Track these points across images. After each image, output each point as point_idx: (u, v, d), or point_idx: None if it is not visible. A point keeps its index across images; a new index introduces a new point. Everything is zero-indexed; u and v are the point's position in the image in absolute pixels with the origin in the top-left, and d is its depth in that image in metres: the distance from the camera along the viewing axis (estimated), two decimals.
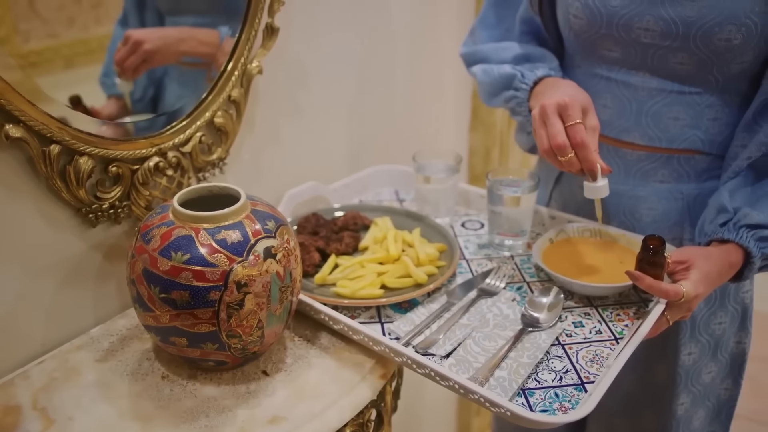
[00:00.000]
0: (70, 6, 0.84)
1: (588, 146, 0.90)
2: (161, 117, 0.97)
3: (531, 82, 1.05)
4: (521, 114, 1.10)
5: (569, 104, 0.90)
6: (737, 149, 1.03)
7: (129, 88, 0.95)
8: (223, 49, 1.03)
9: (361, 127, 1.41)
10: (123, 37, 0.92)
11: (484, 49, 1.18)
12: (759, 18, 0.93)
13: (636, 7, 0.99)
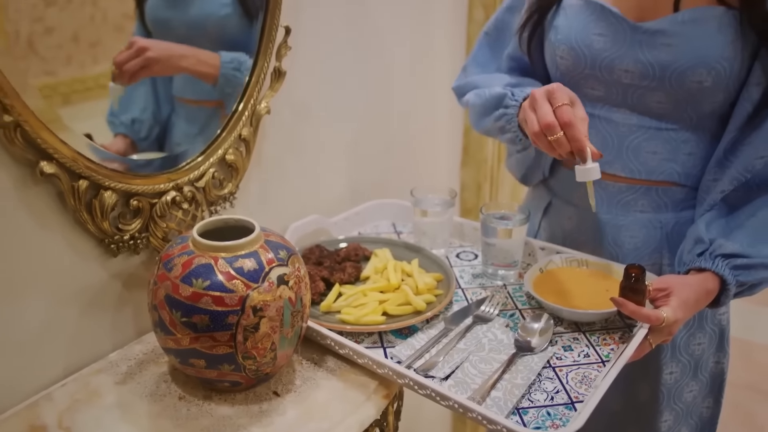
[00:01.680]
0: (68, 45, 0.88)
1: (575, 125, 0.94)
2: (178, 154, 1.04)
3: (521, 98, 1.10)
4: (510, 131, 1.13)
5: (556, 89, 0.96)
6: (710, 183, 1.10)
7: (119, 93, 0.98)
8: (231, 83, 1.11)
9: (359, 164, 1.49)
10: (128, 42, 0.95)
11: (476, 79, 1.24)
12: (727, 63, 1.02)
13: (617, 50, 1.07)
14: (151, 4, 0.99)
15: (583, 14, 1.10)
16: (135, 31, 0.99)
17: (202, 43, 1.08)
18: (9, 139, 0.79)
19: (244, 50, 1.10)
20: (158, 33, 1.01)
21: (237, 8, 1.08)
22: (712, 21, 1.01)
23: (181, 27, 1.05)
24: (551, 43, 1.14)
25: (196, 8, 1.06)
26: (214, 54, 1.07)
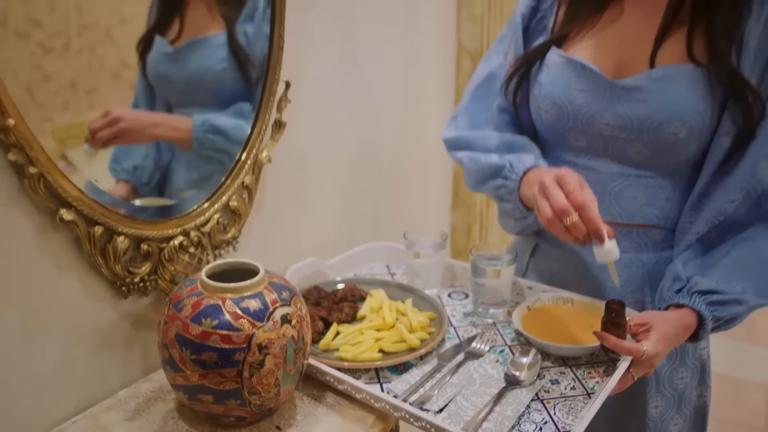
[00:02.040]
0: (65, 91, 0.91)
1: (590, 206, 0.97)
2: (186, 200, 1.10)
3: (521, 172, 1.16)
4: (510, 201, 1.19)
5: (565, 174, 1.01)
6: (686, 225, 1.17)
7: (93, 155, 0.99)
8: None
9: (354, 208, 1.56)
10: (104, 111, 0.98)
11: (468, 137, 1.30)
12: (699, 116, 1.08)
13: (597, 105, 1.14)
14: (152, 59, 1.04)
15: (565, 71, 1.17)
16: (137, 85, 1.04)
17: (200, 96, 1.14)
18: (33, 189, 0.86)
19: (240, 102, 1.17)
20: (159, 86, 1.07)
21: (232, 63, 1.14)
22: (684, 77, 1.08)
23: (180, 81, 1.11)
24: (535, 97, 1.21)
25: (194, 63, 1.12)
26: (186, 119, 1.11)
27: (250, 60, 1.16)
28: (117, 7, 0.97)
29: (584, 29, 1.19)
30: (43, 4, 0.86)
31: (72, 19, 0.90)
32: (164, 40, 1.06)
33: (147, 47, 1.04)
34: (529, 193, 1.15)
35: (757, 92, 1.05)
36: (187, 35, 1.09)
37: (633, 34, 1.14)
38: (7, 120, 0.80)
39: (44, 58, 0.87)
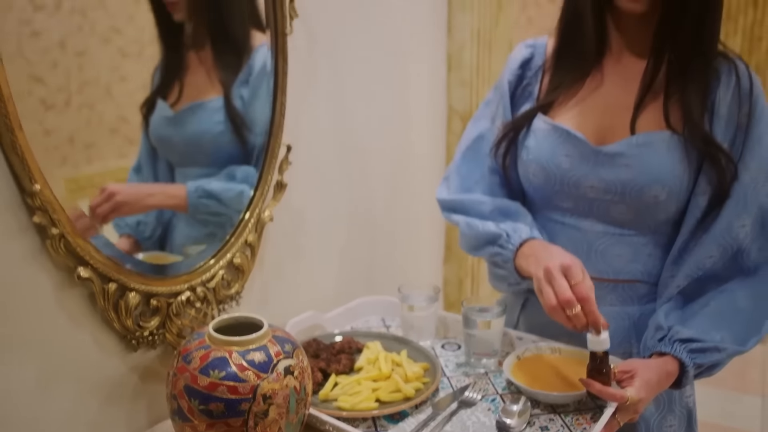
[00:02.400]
0: (63, 146, 0.95)
1: (592, 301, 1.04)
2: (192, 258, 1.16)
3: (517, 243, 1.21)
4: (505, 268, 1.25)
5: (572, 266, 1.07)
6: (668, 279, 1.23)
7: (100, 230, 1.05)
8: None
9: (350, 263, 1.62)
10: (100, 189, 1.03)
11: (462, 201, 1.35)
12: (678, 179, 1.15)
13: (583, 170, 1.21)
14: (154, 122, 1.11)
15: (551, 137, 1.23)
16: (141, 146, 1.11)
17: (199, 157, 1.20)
18: (54, 248, 0.92)
19: (233, 165, 1.23)
20: (161, 148, 1.14)
21: (229, 125, 1.21)
22: (662, 144, 1.15)
23: (180, 143, 1.18)
24: (524, 161, 1.28)
25: (193, 126, 1.18)
26: (180, 186, 1.17)
27: (245, 123, 1.22)
28: (116, 65, 1.02)
29: (568, 97, 1.26)
30: (46, 62, 0.92)
31: (73, 76, 0.96)
32: (165, 104, 1.13)
33: (150, 110, 1.10)
34: (524, 264, 1.19)
35: (729, 156, 1.13)
36: (187, 99, 1.16)
37: (613, 102, 1.22)
38: (34, 186, 0.87)
39: (45, 114, 0.92)
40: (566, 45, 1.27)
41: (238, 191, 1.25)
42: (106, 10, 1.00)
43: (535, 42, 1.34)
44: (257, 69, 1.25)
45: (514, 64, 1.34)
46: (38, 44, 0.90)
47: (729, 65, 1.16)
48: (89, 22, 0.98)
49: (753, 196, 1.15)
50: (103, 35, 1.00)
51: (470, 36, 1.90)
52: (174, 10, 1.11)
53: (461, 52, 1.92)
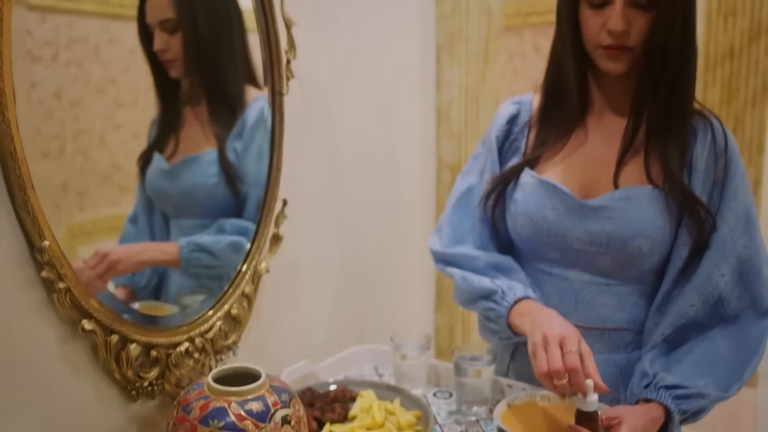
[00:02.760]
0: (56, 194, 0.97)
1: (580, 372, 1.06)
2: (191, 309, 1.19)
3: (512, 301, 1.25)
4: (498, 324, 1.28)
5: (568, 336, 1.11)
6: (652, 327, 1.26)
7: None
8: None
9: (343, 312, 1.66)
10: (94, 252, 1.05)
11: (455, 254, 1.38)
12: (660, 231, 1.20)
13: (569, 222, 1.25)
14: (150, 175, 1.15)
15: (538, 191, 1.28)
16: (137, 198, 1.15)
17: (194, 208, 1.24)
18: (60, 302, 0.95)
19: (230, 214, 1.27)
20: (157, 199, 1.18)
21: (222, 178, 1.24)
22: (644, 198, 1.20)
23: (175, 195, 1.22)
24: (512, 213, 1.32)
25: (188, 178, 1.22)
26: (173, 243, 1.21)
27: (238, 175, 1.27)
28: (111, 115, 1.05)
29: (553, 152, 1.31)
30: (41, 112, 0.94)
31: (68, 125, 0.98)
32: (161, 157, 1.17)
33: (146, 163, 1.14)
34: (519, 323, 1.23)
35: (707, 209, 1.18)
36: (182, 152, 1.20)
37: (597, 158, 1.27)
38: (43, 242, 0.91)
39: (40, 162, 0.93)
40: (551, 103, 1.32)
41: (229, 242, 1.28)
42: (102, 61, 1.03)
43: (521, 99, 1.40)
44: (251, 123, 1.29)
45: (501, 120, 1.39)
46: (34, 95, 0.93)
47: (705, 123, 1.22)
48: (85, 73, 1.01)
49: (731, 246, 1.20)
50: (98, 86, 1.03)
51: (458, 91, 1.98)
52: (170, 68, 1.16)
53: (450, 106, 1.99)
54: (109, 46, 1.04)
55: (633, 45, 1.17)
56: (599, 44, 1.18)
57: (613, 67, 1.19)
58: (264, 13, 1.28)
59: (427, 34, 1.92)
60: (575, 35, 1.22)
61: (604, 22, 1.16)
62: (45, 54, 0.94)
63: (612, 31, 1.15)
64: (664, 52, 1.16)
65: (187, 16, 1.17)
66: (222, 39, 1.25)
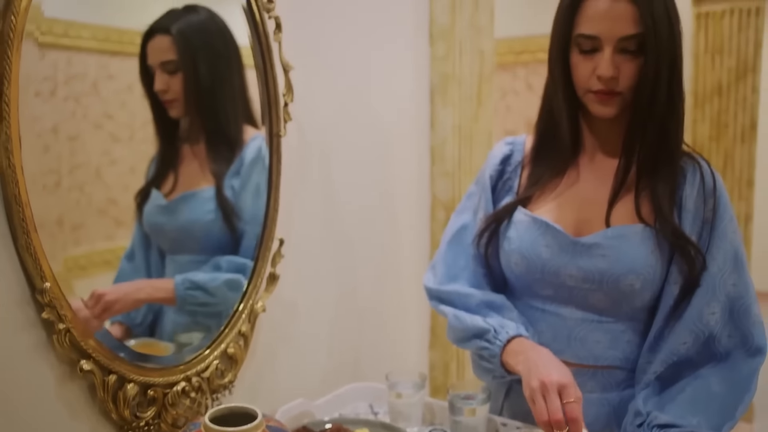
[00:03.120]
0: (51, 227, 0.97)
1: (581, 422, 1.08)
2: (188, 348, 1.20)
3: (504, 340, 1.26)
4: (491, 363, 1.29)
5: (568, 385, 1.12)
6: (645, 365, 1.27)
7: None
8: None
9: (339, 350, 1.67)
10: (91, 292, 1.06)
11: (448, 292, 1.39)
12: (651, 268, 1.22)
13: (562, 259, 1.26)
14: (148, 211, 1.16)
15: (532, 229, 1.30)
16: (134, 234, 1.16)
17: (191, 244, 1.25)
18: (60, 343, 0.97)
19: (226, 251, 1.29)
20: (154, 235, 1.19)
21: (219, 214, 1.26)
22: (636, 236, 1.22)
23: (172, 231, 1.23)
24: (505, 251, 1.34)
25: (185, 214, 1.24)
26: (168, 279, 1.22)
27: (234, 212, 1.28)
28: (107, 149, 1.06)
29: (546, 191, 1.34)
30: (38, 146, 0.95)
31: (64, 159, 0.99)
32: (159, 193, 1.19)
33: (144, 199, 1.16)
34: (512, 362, 1.23)
35: (698, 248, 1.20)
36: (180, 189, 1.22)
37: (589, 197, 1.30)
38: (44, 284, 0.93)
39: (37, 196, 0.94)
40: (544, 144, 1.35)
41: (224, 280, 1.29)
42: (100, 97, 1.05)
43: (514, 140, 1.43)
44: (248, 161, 1.31)
45: (494, 159, 1.42)
46: (32, 130, 0.94)
47: (694, 164, 1.25)
48: (83, 108, 1.02)
49: (721, 285, 1.22)
50: (96, 121, 1.04)
51: (452, 130, 2.01)
52: (170, 108, 1.18)
53: (444, 146, 2.02)
54: (107, 82, 1.06)
55: (622, 90, 1.20)
56: (589, 89, 1.21)
57: (604, 111, 1.22)
58: (263, 57, 1.31)
59: (421, 75, 1.96)
60: (566, 79, 1.26)
61: (594, 67, 1.19)
62: (43, 89, 0.96)
63: (601, 77, 1.18)
64: (652, 97, 1.19)
65: (187, 58, 1.20)
66: (222, 80, 1.28)
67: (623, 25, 1.15)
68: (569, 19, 1.21)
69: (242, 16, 1.29)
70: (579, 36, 1.19)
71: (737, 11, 3.68)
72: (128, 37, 1.11)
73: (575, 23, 1.20)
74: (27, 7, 0.89)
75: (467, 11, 2.02)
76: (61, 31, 0.98)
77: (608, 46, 1.17)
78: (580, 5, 1.19)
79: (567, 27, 1.21)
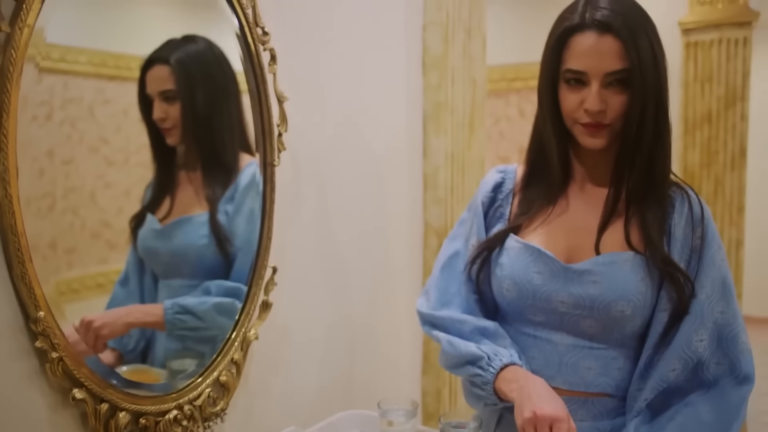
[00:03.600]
0: (44, 250, 0.97)
1: None
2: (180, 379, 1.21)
3: (498, 367, 1.26)
4: (483, 390, 1.28)
5: (561, 419, 1.12)
6: (635, 393, 1.28)
7: None
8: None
9: (331, 376, 1.67)
10: (80, 319, 1.06)
11: (442, 318, 1.39)
12: (641, 295, 1.23)
13: (553, 286, 1.27)
14: (142, 235, 1.17)
15: (523, 255, 1.31)
16: (128, 257, 1.16)
17: (184, 268, 1.26)
18: (53, 371, 0.97)
19: (218, 275, 1.29)
20: (147, 259, 1.19)
21: (212, 239, 1.27)
22: (626, 263, 1.24)
23: (166, 255, 1.24)
24: (497, 277, 1.35)
25: (179, 239, 1.25)
26: (158, 305, 1.22)
27: (227, 237, 1.29)
28: (102, 173, 1.07)
29: (537, 219, 1.35)
30: (33, 170, 0.96)
31: (59, 183, 1.00)
32: (155, 218, 1.20)
33: (139, 224, 1.17)
34: (506, 389, 1.23)
35: (686, 275, 1.22)
36: (175, 214, 1.23)
37: (579, 225, 1.31)
38: (38, 312, 0.93)
39: (30, 219, 0.94)
40: (534, 174, 1.37)
41: (213, 304, 1.30)
42: (96, 121, 1.06)
43: (506, 168, 1.45)
44: (242, 186, 1.33)
45: (486, 186, 1.44)
46: (28, 154, 0.95)
47: (682, 194, 1.28)
48: (78, 132, 1.03)
49: (709, 312, 1.23)
50: (91, 145, 1.05)
51: (444, 158, 2.03)
52: (168, 135, 1.20)
53: (436, 173, 2.04)
54: (103, 106, 1.07)
55: (610, 122, 1.22)
56: (577, 121, 1.24)
57: (593, 143, 1.25)
58: (257, 88, 1.34)
59: (414, 104, 1.99)
60: (555, 111, 1.28)
61: (581, 100, 1.22)
62: (39, 113, 0.97)
63: (588, 110, 1.20)
64: (640, 129, 1.22)
65: (186, 87, 1.22)
66: (219, 109, 1.30)
67: (609, 60, 1.18)
68: (557, 53, 1.23)
69: (237, 48, 1.31)
70: (567, 71, 1.22)
71: (725, 41, 3.74)
72: (124, 62, 1.12)
73: (563, 58, 1.22)
74: (27, 42, 0.91)
75: (460, 40, 2.05)
76: (58, 56, 0.99)
77: (595, 80, 1.19)
78: (567, 41, 1.21)
79: (555, 61, 1.24)
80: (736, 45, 3.73)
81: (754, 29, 3.74)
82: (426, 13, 2.01)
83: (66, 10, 1.00)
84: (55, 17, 0.97)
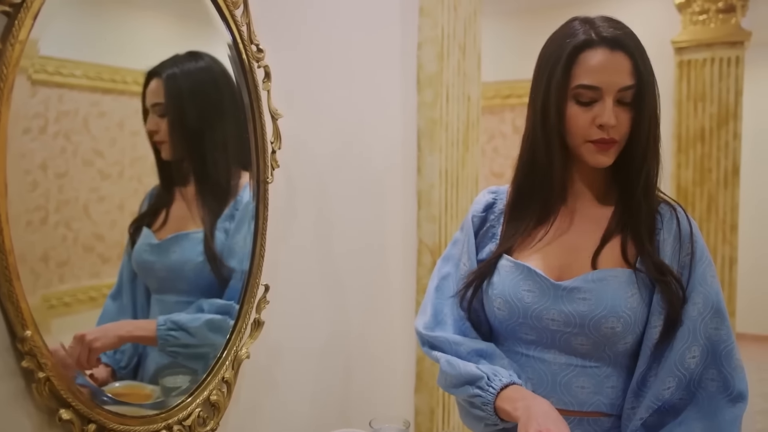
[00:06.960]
0: (36, 264, 0.96)
1: None
2: (172, 397, 1.19)
3: (498, 387, 1.24)
4: (483, 410, 1.27)
5: (561, 429, 1.13)
6: (629, 411, 1.27)
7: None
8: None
9: (324, 394, 1.65)
10: (73, 337, 1.05)
11: (439, 338, 1.38)
12: (632, 311, 1.23)
13: (544, 303, 1.27)
14: (137, 248, 1.16)
15: (514, 274, 1.31)
16: (122, 270, 1.15)
17: (178, 284, 1.25)
18: (39, 392, 0.95)
19: (213, 293, 1.28)
20: (142, 273, 1.18)
21: (206, 258, 1.26)
22: (615, 279, 1.24)
23: (161, 270, 1.23)
24: (489, 296, 1.34)
25: (176, 254, 1.24)
26: (151, 320, 1.21)
27: (223, 256, 1.28)
28: (96, 186, 1.06)
29: (528, 240, 1.35)
30: (26, 183, 0.95)
31: (52, 196, 0.99)
32: (150, 231, 1.19)
33: (137, 231, 1.16)
34: (509, 408, 1.22)
35: (679, 280, 1.22)
36: (171, 229, 1.22)
37: (569, 244, 1.31)
38: (25, 332, 0.92)
39: (22, 232, 0.93)
40: (525, 194, 1.37)
41: (205, 321, 1.29)
42: (90, 134, 1.05)
43: (498, 189, 1.45)
44: (243, 204, 1.33)
45: (478, 206, 1.44)
46: (20, 166, 0.94)
47: (670, 210, 1.29)
48: (73, 145, 1.02)
49: (701, 328, 1.23)
50: (86, 158, 1.04)
51: (438, 176, 2.03)
52: (161, 149, 1.19)
53: (430, 191, 2.04)
54: (98, 119, 1.07)
55: (618, 139, 1.24)
56: (588, 138, 1.24)
57: (602, 160, 1.26)
58: (251, 105, 1.33)
59: (408, 121, 1.99)
60: (560, 131, 1.28)
61: (593, 117, 1.23)
62: (33, 126, 0.96)
63: (605, 125, 1.21)
64: (646, 145, 1.24)
65: (174, 101, 1.21)
66: (212, 126, 1.29)
67: (622, 76, 1.20)
68: (566, 71, 1.24)
69: (231, 64, 1.31)
70: (579, 87, 1.22)
71: (718, 60, 3.78)
72: (120, 75, 1.12)
73: (572, 75, 1.23)
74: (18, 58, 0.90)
75: (455, 58, 2.06)
76: (53, 68, 0.99)
77: (608, 96, 1.21)
78: (576, 57, 1.22)
79: (564, 79, 1.24)
80: (729, 64, 3.76)
81: (746, 49, 3.78)
82: (421, 31, 2.01)
83: (62, 23, 1.00)
84: (51, 30, 0.96)
